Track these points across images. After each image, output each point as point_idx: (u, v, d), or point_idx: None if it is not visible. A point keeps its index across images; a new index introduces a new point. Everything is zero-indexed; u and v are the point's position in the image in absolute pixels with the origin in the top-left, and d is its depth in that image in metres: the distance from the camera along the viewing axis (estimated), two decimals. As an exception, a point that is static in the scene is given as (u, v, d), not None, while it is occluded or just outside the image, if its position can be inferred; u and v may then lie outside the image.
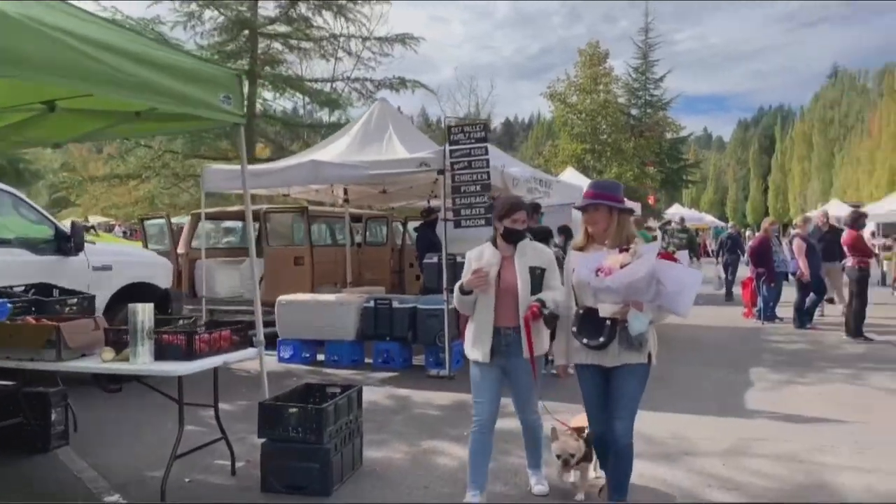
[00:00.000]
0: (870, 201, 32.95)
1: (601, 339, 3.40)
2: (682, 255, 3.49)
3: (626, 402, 3.49)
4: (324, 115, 18.26)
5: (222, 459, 4.59)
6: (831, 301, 12.63)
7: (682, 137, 41.90)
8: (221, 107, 4.48)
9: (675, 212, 41.31)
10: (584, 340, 3.47)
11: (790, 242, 11.80)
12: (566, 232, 10.33)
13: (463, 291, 3.81)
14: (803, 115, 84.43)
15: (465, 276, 3.84)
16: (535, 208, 8.63)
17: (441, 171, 7.75)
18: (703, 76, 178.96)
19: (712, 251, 40.23)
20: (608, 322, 3.37)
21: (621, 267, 3.24)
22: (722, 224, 57.76)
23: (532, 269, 3.79)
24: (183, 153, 15.49)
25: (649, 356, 3.52)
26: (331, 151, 8.99)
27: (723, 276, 15.99)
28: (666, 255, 3.43)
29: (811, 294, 11.12)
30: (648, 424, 5.47)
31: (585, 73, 25.44)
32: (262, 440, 4.31)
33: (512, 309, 3.77)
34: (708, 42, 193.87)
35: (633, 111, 37.54)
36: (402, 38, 15.61)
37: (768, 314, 11.81)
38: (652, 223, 26.16)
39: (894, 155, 40.49)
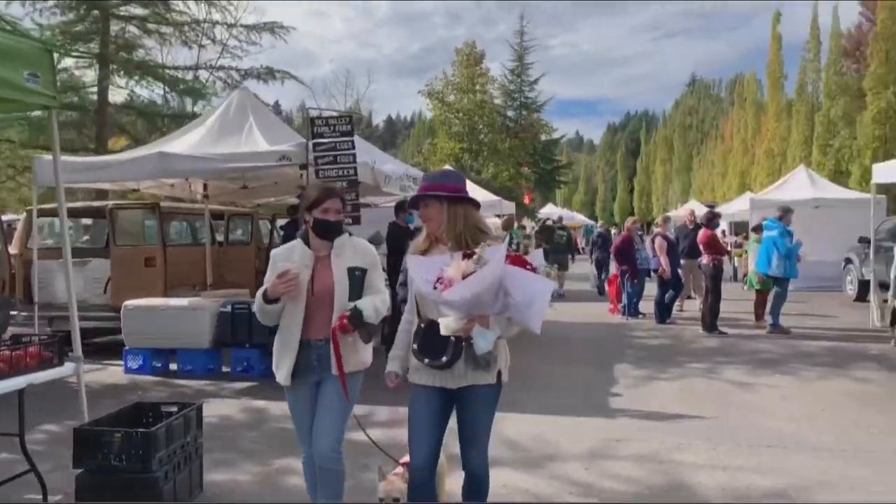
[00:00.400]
0: (723, 201, 35.50)
1: (444, 359, 2.92)
2: (537, 256, 3.14)
3: (478, 430, 3.06)
4: (190, 106, 17.13)
5: (34, 493, 3.95)
6: (690, 297, 13.30)
7: (555, 139, 43.42)
8: (26, 86, 3.84)
9: (548, 211, 42.68)
10: (426, 360, 2.96)
11: (652, 241, 12.29)
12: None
13: (267, 299, 3.18)
14: (665, 121, 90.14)
15: (269, 279, 3.22)
16: (401, 206, 8.34)
17: (304, 166, 7.28)
18: (575, 81, 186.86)
19: (583, 249, 42.07)
20: (452, 339, 2.90)
21: (464, 277, 2.76)
22: (592, 223, 60.60)
23: (351, 271, 3.25)
24: (20, 143, 13.93)
25: (499, 375, 3.06)
26: (183, 143, 8.26)
27: (595, 273, 16.58)
28: (516, 260, 2.92)
29: (670, 290, 11.62)
30: (511, 427, 5.36)
31: (462, 72, 25.58)
32: (78, 471, 3.74)
33: (327, 318, 3.20)
34: (580, 48, 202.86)
35: (510, 112, 38.47)
36: (271, 27, 14.88)
37: (632, 310, 12.24)
38: (526, 222, 26.79)
39: (744, 159, 43.86)
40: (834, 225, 16.11)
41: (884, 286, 11.16)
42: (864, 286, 14.63)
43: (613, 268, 13.35)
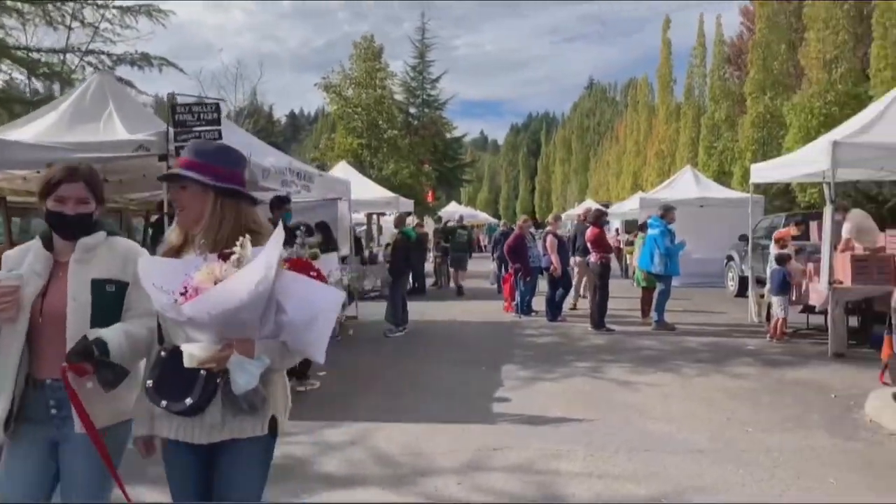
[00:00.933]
0: (617, 201, 36.68)
1: (188, 402, 2.10)
2: (328, 260, 2.38)
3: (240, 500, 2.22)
4: (58, 93, 15.69)
5: None
6: (582, 296, 13.39)
7: (458, 138, 43.61)
8: None
9: (452, 210, 42.72)
10: (164, 403, 2.13)
11: (543, 239, 12.27)
12: (324, 230, 9.67)
13: None
14: (564, 122, 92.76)
15: None
16: (280, 202, 7.82)
17: (164, 157, 6.61)
18: (480, 82, 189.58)
19: (485, 247, 42.38)
20: (202, 373, 2.09)
21: (215, 284, 1.98)
22: (495, 221, 61.44)
23: (98, 284, 2.41)
24: None
25: (273, 422, 2.26)
26: (30, 130, 7.38)
27: (496, 271, 16.48)
28: (296, 264, 2.13)
29: (560, 288, 11.62)
30: (385, 438, 5.01)
31: (361, 66, 25.00)
32: None
33: (62, 350, 2.29)
34: (484, 49, 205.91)
35: (412, 110, 38.25)
36: (147, 10, 13.83)
37: (524, 308, 12.18)
38: (427, 220, 26.57)
39: (637, 160, 45.55)
40: (717, 223, 16.81)
41: (760, 282, 11.65)
42: (744, 282, 15.30)
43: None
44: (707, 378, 7.05)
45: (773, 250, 9.54)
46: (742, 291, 15.31)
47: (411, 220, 19.46)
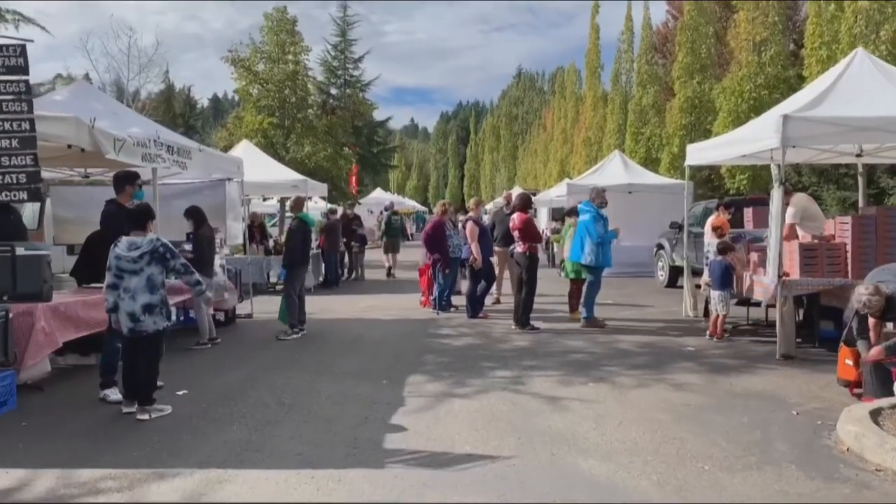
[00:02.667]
0: (545, 188, 36.04)
1: None
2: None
3: None
4: None
5: None
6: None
7: (381, 121, 42.02)
8: None
9: (377, 196, 41.28)
10: None
11: (463, 226, 11.05)
12: (195, 215, 8.11)
13: None
14: (493, 111, 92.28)
15: None
16: (120, 180, 6.25)
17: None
18: (411, 69, 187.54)
19: (412, 235, 41.06)
20: None
21: None
22: (424, 209, 60.15)
23: None
24: None
25: None
26: None
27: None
28: None
29: (482, 281, 10.43)
30: (230, 496, 3.62)
31: (272, 39, 23.06)
32: None
33: None
34: (415, 37, 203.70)
35: (333, 90, 36.38)
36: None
37: (443, 303, 10.93)
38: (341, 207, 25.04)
39: (564, 147, 45.11)
40: (646, 210, 16.00)
41: (695, 273, 10.83)
42: (674, 272, 14.58)
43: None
44: (647, 390, 5.95)
45: (711, 239, 8.61)
46: (673, 281, 14.58)
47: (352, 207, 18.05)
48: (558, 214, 23.82)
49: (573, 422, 5.06)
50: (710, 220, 9.09)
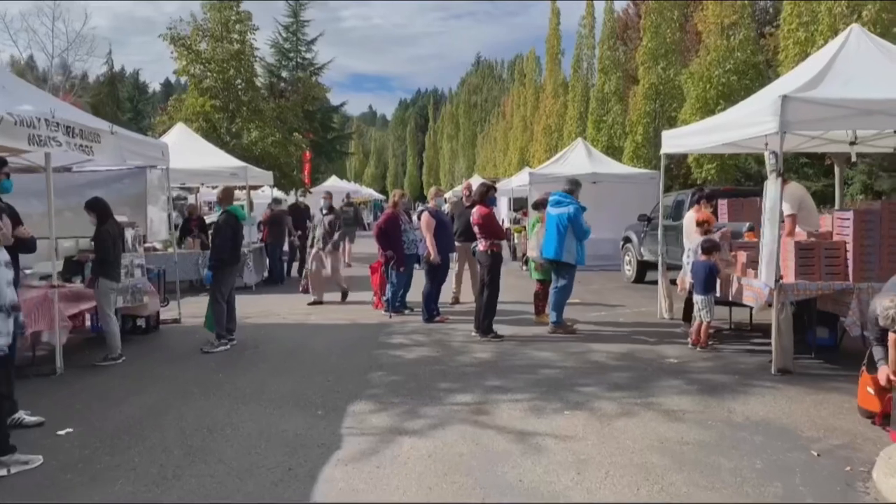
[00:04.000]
0: (504, 177, 35.18)
1: None
2: None
3: None
4: None
5: None
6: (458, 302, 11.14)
7: (336, 106, 40.56)
8: None
9: (332, 185, 39.92)
10: None
11: (419, 217, 10.00)
12: (97, 209, 6.87)
13: None
14: (451, 98, 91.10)
15: None
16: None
17: None
18: (369, 56, 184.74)
19: (368, 224, 39.82)
20: None
21: None
22: (382, 198, 58.76)
23: None
24: None
25: None
26: None
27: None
28: None
29: (440, 281, 9.40)
30: None
31: (214, 16, 21.49)
32: None
33: None
34: (372, 22, 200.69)
35: (284, 73, 34.80)
36: None
37: (396, 305, 9.87)
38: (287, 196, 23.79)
39: (523, 136, 44.30)
40: (611, 201, 15.17)
41: (670, 268, 10.02)
42: (642, 266, 13.80)
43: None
44: (633, 420, 4.99)
45: (695, 236, 7.73)
46: (641, 276, 13.81)
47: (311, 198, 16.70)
48: (520, 204, 23.01)
49: (549, 470, 4.06)
50: (693, 215, 8.19)
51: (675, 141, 8.99)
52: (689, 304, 8.36)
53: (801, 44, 11.63)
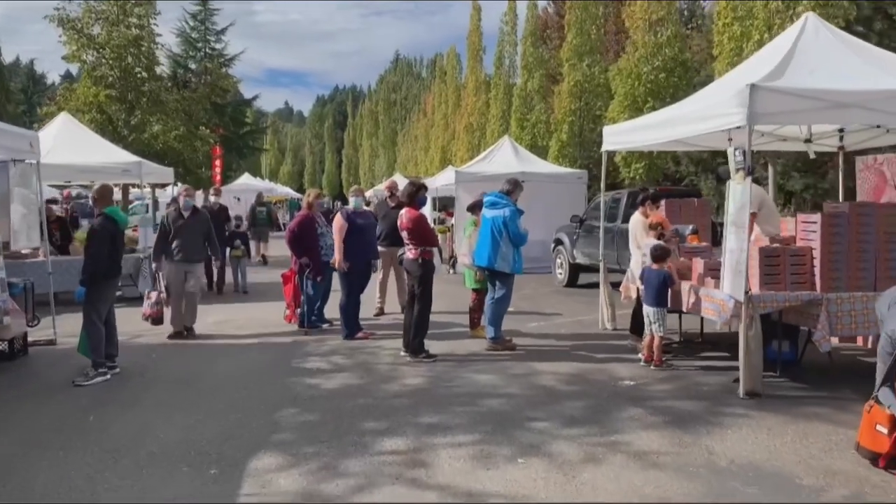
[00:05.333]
0: (426, 175, 34.31)
1: None
2: None
3: None
4: None
5: None
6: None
7: (248, 99, 38.61)
8: None
9: (244, 183, 37.97)
10: None
11: (332, 219, 8.90)
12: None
13: None
14: (371, 96, 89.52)
15: None
16: None
17: None
18: (285, 51, 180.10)
19: (284, 224, 38.08)
20: None
21: None
22: (299, 197, 56.68)
23: None
24: None
25: None
26: None
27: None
28: None
29: (358, 291, 8.35)
30: None
31: (110, -1, 19.53)
32: None
33: None
34: (289, 17, 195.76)
35: (192, 64, 32.68)
36: None
37: (312, 319, 8.75)
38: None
39: (445, 134, 43.56)
40: (539, 201, 14.38)
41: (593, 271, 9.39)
42: (575, 270, 13.18)
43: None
44: (601, 469, 4.13)
45: (648, 240, 7.00)
46: (573, 280, 13.19)
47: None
48: (446, 204, 22.15)
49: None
50: (640, 217, 7.47)
51: (617, 138, 8.29)
52: (636, 315, 7.68)
53: (735, 39, 11.25)
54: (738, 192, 5.64)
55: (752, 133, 5.50)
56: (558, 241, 13.61)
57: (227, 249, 12.26)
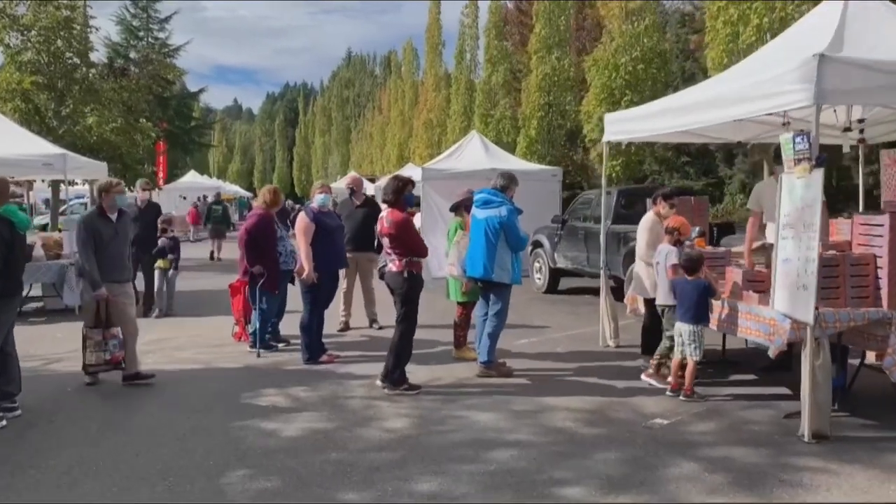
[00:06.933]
0: (382, 174, 33.00)
1: None
2: None
3: None
4: None
5: None
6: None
7: (194, 92, 36.66)
8: None
9: (191, 180, 36.09)
10: None
11: (292, 222, 7.59)
12: None
13: None
14: (323, 93, 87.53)
15: None
16: None
17: None
18: (234, 47, 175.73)
19: (235, 225, 36.20)
20: None
21: None
22: (249, 195, 54.47)
23: None
24: None
25: None
26: None
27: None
28: None
29: (321, 305, 7.06)
30: None
31: (37, -24, 17.64)
32: None
33: None
34: (238, 13, 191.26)
35: (133, 54, 30.62)
36: None
37: (265, 338, 7.40)
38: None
39: (402, 131, 42.21)
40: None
41: (576, 275, 8.34)
42: (555, 275, 12.12)
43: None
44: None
45: (664, 246, 5.92)
46: (553, 286, 12.13)
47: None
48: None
49: None
50: (653, 217, 6.39)
51: (621, 126, 7.22)
52: (647, 331, 6.62)
53: (731, 24, 10.33)
54: (800, 188, 4.58)
55: (819, 114, 4.45)
56: (537, 244, 12.51)
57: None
